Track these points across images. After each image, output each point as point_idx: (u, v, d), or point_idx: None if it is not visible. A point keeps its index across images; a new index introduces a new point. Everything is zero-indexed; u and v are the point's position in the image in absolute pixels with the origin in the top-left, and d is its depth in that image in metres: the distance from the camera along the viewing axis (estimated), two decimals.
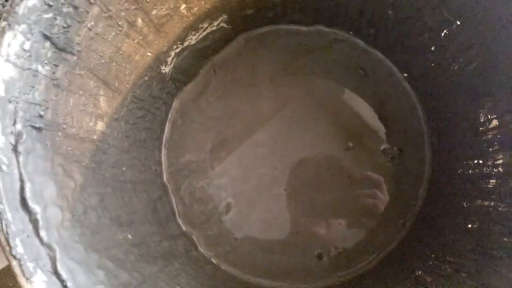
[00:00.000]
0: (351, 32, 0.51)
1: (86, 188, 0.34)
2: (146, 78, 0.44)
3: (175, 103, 0.52)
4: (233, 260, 0.49)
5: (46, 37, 0.30)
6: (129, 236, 0.37)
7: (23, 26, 0.27)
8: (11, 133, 0.27)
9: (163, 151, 0.51)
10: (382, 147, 0.50)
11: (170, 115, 0.52)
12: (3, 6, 0.62)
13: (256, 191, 0.50)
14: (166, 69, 0.47)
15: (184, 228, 0.49)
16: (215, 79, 0.53)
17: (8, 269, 0.68)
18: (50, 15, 0.29)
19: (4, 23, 0.26)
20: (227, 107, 0.52)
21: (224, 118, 0.52)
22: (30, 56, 0.28)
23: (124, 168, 0.42)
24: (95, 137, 0.37)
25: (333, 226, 0.49)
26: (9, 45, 0.27)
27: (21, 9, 0.27)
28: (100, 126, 0.38)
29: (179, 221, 0.49)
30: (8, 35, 0.26)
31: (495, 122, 0.35)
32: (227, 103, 0.52)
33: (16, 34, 0.27)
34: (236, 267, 0.48)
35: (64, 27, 0.31)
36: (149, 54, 0.42)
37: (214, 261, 0.49)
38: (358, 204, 0.49)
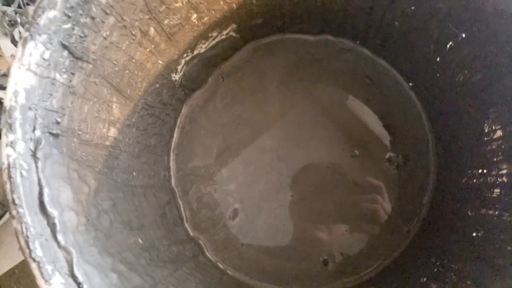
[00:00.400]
0: (357, 42, 0.52)
1: (99, 193, 0.35)
2: (157, 85, 0.45)
3: (184, 109, 0.53)
4: (240, 265, 0.49)
5: (65, 47, 0.31)
6: (140, 240, 0.38)
7: (44, 37, 0.28)
8: (31, 139, 0.28)
9: (172, 157, 0.52)
10: (387, 155, 0.51)
11: (179, 121, 0.53)
12: (16, 12, 0.64)
13: (262, 196, 0.51)
14: (176, 77, 0.48)
15: (191, 233, 0.50)
16: (223, 86, 0.54)
17: (13, 272, 0.69)
18: (68, 25, 0.30)
19: (26, 34, 0.27)
20: (234, 114, 0.53)
21: (232, 124, 0.53)
22: (49, 65, 0.29)
23: (134, 173, 0.42)
24: (107, 143, 0.38)
25: (339, 233, 0.49)
26: (30, 54, 0.28)
27: (42, 20, 0.28)
28: (113, 132, 0.39)
29: (187, 226, 0.50)
30: (30, 45, 0.27)
31: (499, 133, 0.35)
32: (235, 109, 0.53)
33: (37, 44, 0.28)
34: (242, 272, 0.49)
35: (81, 37, 0.32)
36: (160, 62, 0.43)
37: (221, 266, 0.49)
38: (360, 209, 0.49)
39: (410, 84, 0.51)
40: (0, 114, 0.59)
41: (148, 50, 0.40)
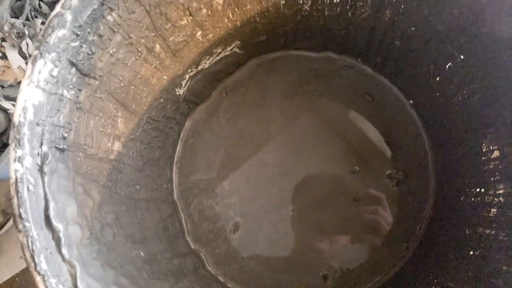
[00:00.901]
0: (359, 59, 0.53)
1: (103, 206, 0.35)
2: (162, 100, 0.45)
3: (188, 123, 0.54)
4: (240, 279, 0.50)
5: (72, 64, 0.31)
6: (142, 253, 0.38)
7: (53, 54, 0.29)
8: (38, 154, 0.28)
9: (175, 170, 0.53)
10: (387, 171, 0.51)
11: (182, 134, 0.54)
12: (24, 25, 0.65)
13: (264, 210, 0.51)
14: (180, 91, 0.48)
15: (192, 246, 0.51)
16: (226, 101, 0.55)
17: (14, 280, 0.70)
18: (77, 43, 0.31)
19: (36, 52, 0.28)
20: (237, 128, 0.54)
21: (234, 138, 0.54)
22: (57, 81, 0.30)
23: (137, 187, 0.43)
24: (112, 156, 0.39)
25: (339, 247, 0.50)
26: (39, 72, 0.29)
27: (52, 39, 0.29)
28: (117, 146, 0.40)
29: (188, 239, 0.51)
30: (40, 63, 0.28)
31: (496, 153, 0.36)
32: (237, 124, 0.54)
33: (46, 62, 0.29)
34: (243, 286, 0.49)
35: (88, 54, 0.33)
36: (165, 77, 0.44)
37: (221, 279, 0.50)
38: (361, 221, 0.50)
39: (411, 101, 0.52)
40: (7, 126, 0.60)
41: (153, 66, 0.41)
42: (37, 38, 0.61)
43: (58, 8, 0.29)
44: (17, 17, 0.65)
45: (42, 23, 0.64)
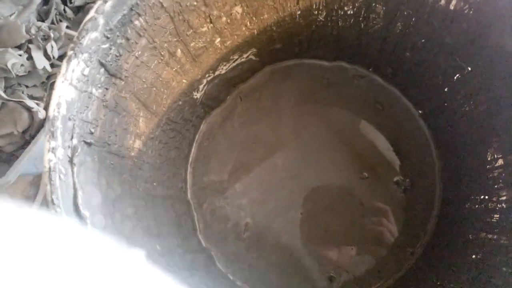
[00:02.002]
0: (370, 69, 0.55)
1: (123, 199, 0.37)
2: (180, 103, 0.48)
3: (203, 126, 0.56)
4: (248, 278, 0.51)
5: (102, 64, 0.34)
6: (158, 247, 0.40)
7: (85, 55, 0.32)
8: (69, 146, 0.31)
9: (189, 170, 0.55)
10: (395, 179, 0.53)
11: (197, 137, 0.56)
12: (49, 28, 0.68)
13: (273, 213, 0.53)
14: (197, 95, 0.51)
15: (204, 244, 0.52)
16: (240, 106, 0.57)
17: None
18: (107, 45, 0.34)
19: (70, 52, 0.31)
20: (250, 133, 0.56)
21: (247, 142, 0.56)
22: (87, 80, 0.33)
23: (155, 184, 0.45)
24: (133, 153, 0.41)
25: (345, 251, 0.51)
26: (73, 70, 0.31)
27: (85, 41, 0.31)
28: (138, 144, 0.42)
29: (200, 237, 0.52)
30: (73, 62, 0.31)
31: (500, 161, 0.37)
32: (250, 129, 0.56)
33: (79, 62, 0.31)
34: (251, 285, 0.51)
35: (116, 56, 0.35)
36: (184, 81, 0.46)
37: (230, 277, 0.51)
38: (367, 231, 0.51)
39: (420, 111, 0.53)
40: (30, 124, 0.62)
41: (174, 69, 0.44)
42: (60, 35, 0.64)
43: (92, 12, 0.31)
44: (43, 21, 0.68)
45: (67, 26, 0.67)
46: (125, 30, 0.35)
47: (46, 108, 0.62)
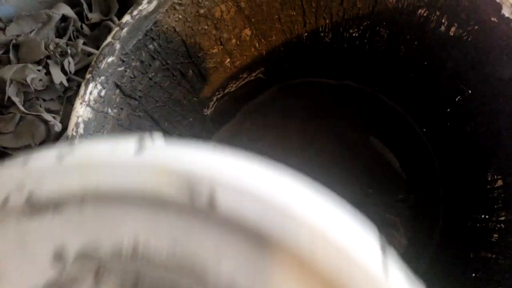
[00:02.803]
0: (376, 88, 0.56)
1: None
2: (191, 119, 0.50)
3: (212, 141, 0.58)
4: None
5: (117, 86, 0.36)
6: None
7: (102, 78, 0.34)
8: None
9: None
10: (400, 196, 0.54)
11: None
12: (67, 44, 0.70)
13: None
14: (207, 112, 0.53)
15: None
16: (249, 122, 0.59)
17: None
18: (122, 68, 0.36)
19: (88, 76, 0.33)
20: (257, 148, 0.57)
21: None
22: (104, 101, 0.35)
23: None
24: None
25: None
26: (90, 93, 0.33)
27: (102, 65, 0.33)
28: None
29: None
30: (91, 85, 0.33)
31: (500, 182, 0.38)
32: (258, 144, 0.58)
33: (97, 84, 0.33)
34: None
35: (131, 78, 0.37)
36: (195, 99, 0.48)
37: None
38: None
39: (424, 130, 0.54)
40: (46, 136, 0.64)
41: (185, 89, 0.46)
42: (77, 51, 0.67)
43: (109, 38, 0.34)
44: (61, 37, 0.71)
45: (84, 43, 0.70)
46: (140, 53, 0.37)
47: (62, 121, 0.65)
